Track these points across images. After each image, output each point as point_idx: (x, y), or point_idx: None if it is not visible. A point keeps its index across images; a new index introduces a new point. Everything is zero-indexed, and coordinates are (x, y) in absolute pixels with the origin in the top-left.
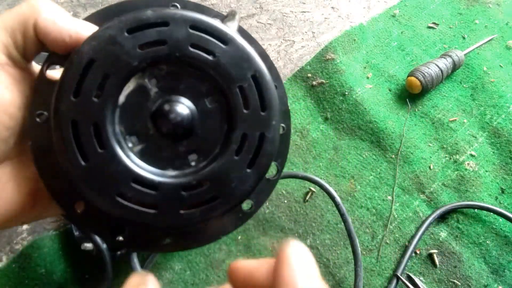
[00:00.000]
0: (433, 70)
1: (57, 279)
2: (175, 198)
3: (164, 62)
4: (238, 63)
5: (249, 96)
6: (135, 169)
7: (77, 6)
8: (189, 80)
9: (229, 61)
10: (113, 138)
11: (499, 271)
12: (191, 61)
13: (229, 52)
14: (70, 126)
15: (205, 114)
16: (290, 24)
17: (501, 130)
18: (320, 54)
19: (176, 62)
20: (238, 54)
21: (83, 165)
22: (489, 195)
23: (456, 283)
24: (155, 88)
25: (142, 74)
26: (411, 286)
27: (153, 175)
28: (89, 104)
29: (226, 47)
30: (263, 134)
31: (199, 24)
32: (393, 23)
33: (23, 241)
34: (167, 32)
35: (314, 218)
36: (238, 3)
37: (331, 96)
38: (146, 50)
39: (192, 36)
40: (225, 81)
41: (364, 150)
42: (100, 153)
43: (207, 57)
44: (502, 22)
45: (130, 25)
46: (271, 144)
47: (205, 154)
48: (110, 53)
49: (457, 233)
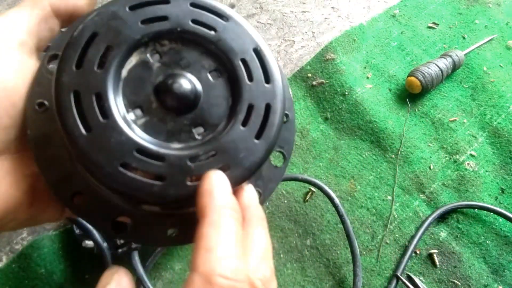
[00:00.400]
0: (433, 70)
1: (57, 279)
2: (182, 169)
3: (166, 37)
4: (240, 38)
5: (252, 68)
6: (139, 140)
7: None
8: (191, 56)
9: (230, 36)
10: (116, 108)
11: (499, 271)
12: (192, 36)
13: (230, 27)
14: (72, 96)
15: (208, 88)
16: (290, 24)
17: (501, 130)
18: (320, 54)
19: (178, 37)
20: (239, 30)
21: (85, 134)
22: (489, 195)
23: (456, 283)
24: (157, 63)
25: (145, 49)
26: (411, 286)
27: (157, 147)
28: (91, 74)
29: (226, 23)
30: (269, 104)
31: (199, 2)
32: (393, 23)
33: (23, 241)
34: (169, 8)
35: (314, 218)
36: (238, 3)
37: (331, 96)
38: (148, 25)
39: (193, 12)
40: (227, 55)
41: (364, 150)
42: (103, 123)
43: (209, 32)
44: (502, 22)
45: (132, 2)
46: (277, 115)
47: (211, 127)
48: (113, 27)
49: (457, 233)
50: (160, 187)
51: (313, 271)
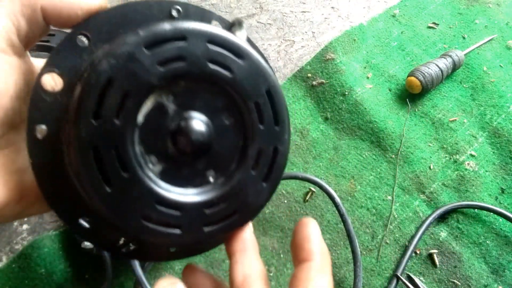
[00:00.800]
0: (433, 70)
1: (57, 279)
2: (198, 217)
3: (182, 78)
4: (254, 79)
5: (264, 111)
6: (159, 191)
7: None
8: (205, 96)
9: (245, 77)
10: (135, 160)
11: (499, 271)
12: (209, 77)
13: (245, 67)
14: (92, 152)
15: (221, 130)
16: (290, 24)
17: (501, 130)
18: (320, 54)
19: (194, 78)
20: (254, 69)
21: (108, 191)
22: (489, 195)
23: (456, 283)
24: (172, 105)
25: (160, 92)
26: (411, 286)
27: (176, 195)
28: (110, 127)
29: (242, 62)
30: (277, 148)
31: (216, 38)
32: (393, 23)
33: (23, 241)
34: (186, 47)
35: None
36: (238, 3)
37: (331, 96)
38: (165, 67)
39: (210, 52)
40: (242, 97)
41: (364, 150)
42: (124, 177)
43: (225, 74)
44: (502, 22)
45: (148, 40)
46: (283, 157)
47: (222, 169)
48: (130, 71)
49: (457, 233)
50: (178, 235)
51: None
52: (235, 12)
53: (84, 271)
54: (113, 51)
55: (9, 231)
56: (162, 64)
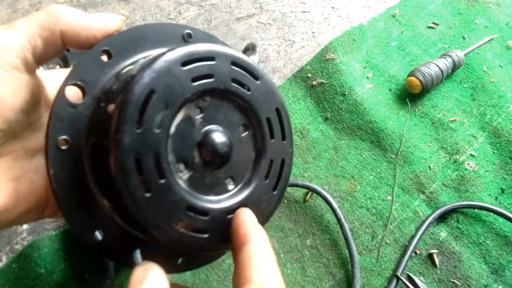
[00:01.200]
0: (433, 70)
1: (57, 279)
2: (223, 222)
3: (209, 94)
4: (267, 97)
5: (274, 126)
6: (189, 197)
7: (77, 6)
8: (226, 111)
9: (260, 95)
10: (168, 167)
11: (499, 271)
12: (231, 94)
13: (261, 87)
14: (133, 158)
15: (238, 142)
16: (290, 24)
17: (501, 130)
18: (320, 54)
19: (218, 94)
20: (267, 89)
21: (146, 196)
22: (489, 195)
23: (456, 283)
24: (199, 118)
25: (190, 105)
26: (411, 286)
27: (203, 202)
28: (151, 135)
29: (258, 83)
30: (284, 160)
31: (238, 61)
32: (393, 23)
33: (23, 241)
34: (214, 67)
35: (314, 218)
36: (238, 3)
37: (331, 96)
38: (197, 83)
39: (233, 71)
40: (256, 113)
41: (364, 150)
42: (161, 184)
43: (245, 91)
44: (502, 22)
45: (184, 59)
46: (289, 168)
47: (239, 179)
48: (168, 85)
49: (457, 233)
50: (205, 240)
51: (313, 271)
52: (235, 12)
53: (84, 271)
54: (154, 66)
55: (9, 231)
56: (194, 80)
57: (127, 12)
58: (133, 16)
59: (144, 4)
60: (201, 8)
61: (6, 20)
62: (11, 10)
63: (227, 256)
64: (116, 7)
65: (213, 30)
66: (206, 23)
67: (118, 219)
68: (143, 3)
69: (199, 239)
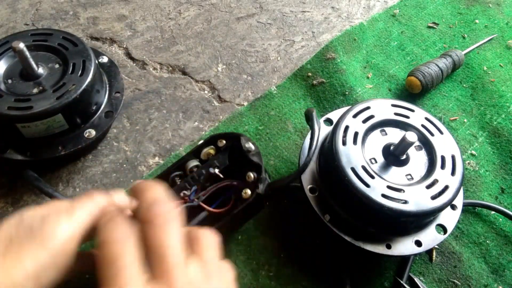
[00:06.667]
0: (433, 69)
1: None
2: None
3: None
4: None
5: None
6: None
7: (77, 6)
8: None
9: None
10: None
11: (499, 271)
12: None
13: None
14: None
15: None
16: (290, 24)
17: (501, 130)
18: (321, 53)
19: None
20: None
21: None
22: (489, 194)
23: (456, 283)
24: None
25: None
26: (411, 286)
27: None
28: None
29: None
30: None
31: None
32: (393, 23)
33: None
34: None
35: None
36: (238, 3)
37: (332, 95)
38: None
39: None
40: None
41: None
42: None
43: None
44: (502, 22)
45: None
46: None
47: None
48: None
49: (457, 233)
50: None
51: (313, 271)
52: (235, 12)
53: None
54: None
55: None
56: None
57: (127, 11)
58: (133, 16)
59: (144, 4)
60: (201, 8)
61: (6, 20)
62: (11, 10)
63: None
64: (116, 7)
65: (213, 30)
66: (206, 23)
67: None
68: (143, 3)
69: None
